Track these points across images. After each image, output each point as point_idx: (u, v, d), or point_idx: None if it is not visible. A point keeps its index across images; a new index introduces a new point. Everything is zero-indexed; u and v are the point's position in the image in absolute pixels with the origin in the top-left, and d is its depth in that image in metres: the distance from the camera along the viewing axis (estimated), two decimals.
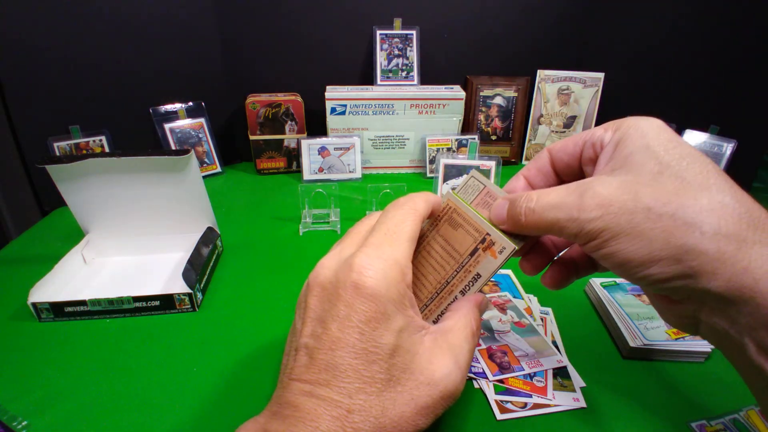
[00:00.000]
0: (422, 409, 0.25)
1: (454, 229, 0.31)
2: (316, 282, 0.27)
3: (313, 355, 0.25)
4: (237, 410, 0.38)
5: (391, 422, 0.24)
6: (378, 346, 0.25)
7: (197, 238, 0.57)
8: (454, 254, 0.31)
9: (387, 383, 0.25)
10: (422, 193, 0.31)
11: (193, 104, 0.88)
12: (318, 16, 0.89)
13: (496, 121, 0.96)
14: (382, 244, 0.27)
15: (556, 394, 0.39)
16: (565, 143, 0.31)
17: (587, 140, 0.29)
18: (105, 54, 0.76)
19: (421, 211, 0.30)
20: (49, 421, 0.37)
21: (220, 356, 0.44)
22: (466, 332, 0.28)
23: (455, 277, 0.31)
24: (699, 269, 0.22)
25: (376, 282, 0.25)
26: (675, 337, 0.43)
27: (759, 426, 0.36)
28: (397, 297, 0.26)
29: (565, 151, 0.31)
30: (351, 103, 0.86)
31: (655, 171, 0.24)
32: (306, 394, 0.24)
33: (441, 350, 0.27)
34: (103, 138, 0.79)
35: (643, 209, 0.23)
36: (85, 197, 0.55)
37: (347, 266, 0.26)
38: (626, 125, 0.27)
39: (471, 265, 0.30)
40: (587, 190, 0.25)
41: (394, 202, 0.30)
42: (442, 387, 0.26)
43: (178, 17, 0.81)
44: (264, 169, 0.91)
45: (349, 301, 0.25)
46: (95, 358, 0.44)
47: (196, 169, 0.55)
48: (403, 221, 0.29)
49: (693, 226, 0.22)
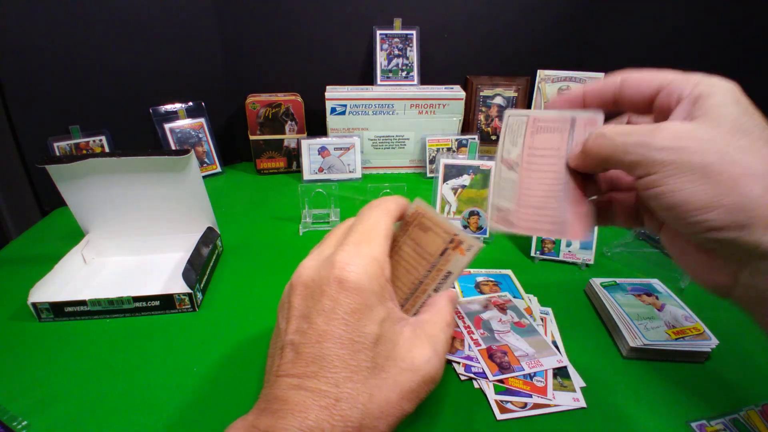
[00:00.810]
0: (406, 394, 0.26)
1: (424, 233, 0.33)
2: (299, 281, 0.29)
3: (300, 350, 0.26)
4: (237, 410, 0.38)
5: (378, 407, 0.25)
6: (362, 336, 0.26)
7: (197, 238, 0.57)
8: (425, 255, 0.33)
9: (372, 371, 0.26)
10: (392, 196, 0.33)
11: (193, 104, 0.88)
12: (318, 16, 0.89)
13: (496, 121, 0.96)
14: (360, 243, 0.29)
15: (556, 394, 0.39)
16: (640, 81, 0.29)
17: (664, 87, 0.27)
18: (105, 54, 0.76)
19: (393, 212, 0.32)
20: (49, 421, 0.37)
21: (220, 356, 0.44)
22: (441, 323, 0.30)
23: (428, 277, 0.33)
24: (756, 221, 0.22)
25: (358, 276, 0.27)
26: (675, 337, 0.43)
27: (759, 426, 0.36)
28: (378, 289, 0.28)
29: (639, 90, 0.29)
30: (351, 103, 0.86)
31: (735, 125, 0.24)
32: (294, 388, 0.25)
33: (420, 339, 0.29)
34: (103, 138, 0.79)
35: (717, 152, 0.23)
36: (85, 197, 0.55)
37: (329, 264, 0.28)
38: (708, 82, 0.26)
39: (442, 264, 0.32)
40: (663, 125, 0.25)
41: (367, 205, 0.32)
42: (424, 372, 0.27)
43: (178, 17, 0.81)
44: (264, 169, 0.91)
45: (333, 296, 0.26)
46: (95, 358, 0.44)
47: (196, 169, 0.55)
48: (378, 221, 0.31)
49: (761, 179, 0.23)
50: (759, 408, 0.38)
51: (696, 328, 0.44)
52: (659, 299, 0.49)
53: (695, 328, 0.44)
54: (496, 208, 0.34)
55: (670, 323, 0.45)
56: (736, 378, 0.42)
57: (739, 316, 0.50)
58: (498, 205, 0.34)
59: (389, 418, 0.26)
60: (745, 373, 0.42)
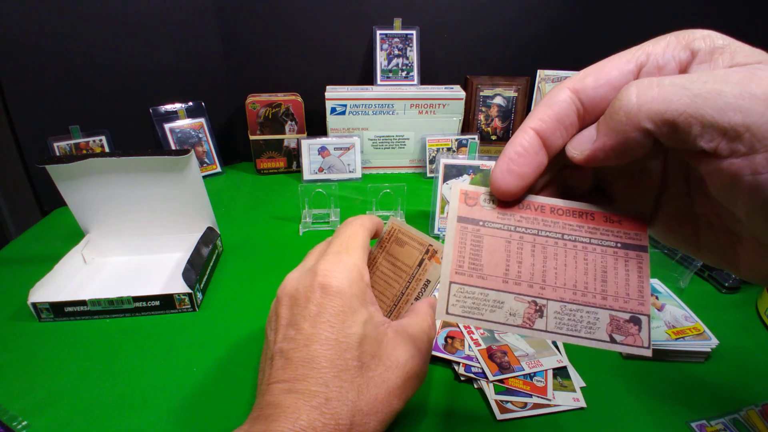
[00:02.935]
0: (394, 390, 0.28)
1: (401, 247, 0.35)
2: (284, 292, 0.30)
3: (289, 356, 0.27)
4: (237, 410, 0.38)
5: (367, 404, 0.26)
6: (347, 336, 0.27)
7: (197, 238, 0.57)
8: (404, 268, 0.35)
9: (359, 369, 0.27)
10: (366, 215, 0.35)
11: (193, 104, 0.88)
12: (318, 16, 0.89)
13: (496, 121, 0.96)
14: (339, 252, 0.31)
15: (556, 394, 0.39)
16: (599, 74, 0.21)
17: (643, 63, 0.20)
18: (105, 54, 0.76)
19: (368, 226, 0.34)
20: (49, 421, 0.37)
21: (220, 356, 0.44)
22: (423, 325, 0.32)
23: (408, 287, 0.35)
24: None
25: (339, 282, 0.28)
26: (675, 337, 0.43)
27: (759, 426, 0.36)
28: (359, 293, 0.29)
29: (610, 84, 0.20)
30: (351, 103, 0.86)
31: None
32: (285, 392, 0.26)
33: (403, 339, 0.30)
34: (103, 138, 0.79)
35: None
36: (85, 197, 0.55)
37: (312, 273, 0.29)
38: (700, 34, 0.19)
39: (420, 274, 0.34)
40: (756, 69, 0.17)
41: (344, 222, 0.34)
42: (408, 368, 0.29)
43: (178, 17, 0.81)
44: (264, 169, 0.91)
45: (318, 301, 0.28)
46: (95, 358, 0.44)
47: (196, 169, 0.55)
48: (355, 233, 0.33)
49: None
50: (759, 408, 0.38)
51: (696, 328, 0.44)
52: (659, 299, 0.49)
53: (695, 328, 0.44)
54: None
55: (670, 323, 0.45)
56: (736, 378, 0.42)
57: (739, 316, 0.50)
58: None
59: (379, 414, 0.27)
60: (745, 373, 0.42)
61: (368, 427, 0.26)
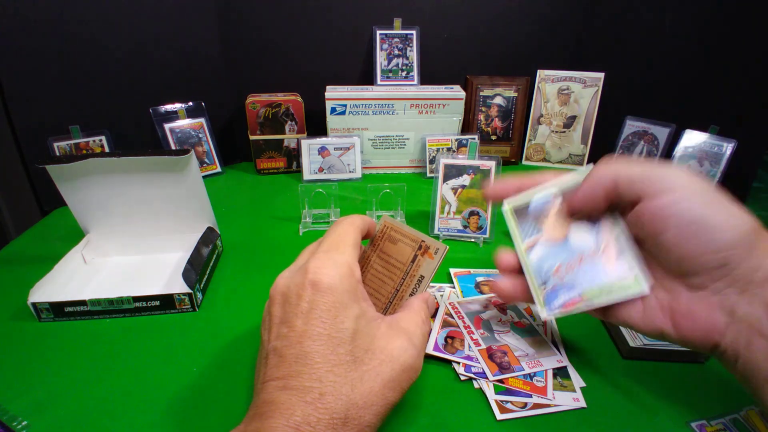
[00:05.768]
0: (388, 383, 0.28)
1: (393, 244, 0.36)
2: (276, 291, 0.31)
3: (282, 353, 0.27)
4: (237, 410, 0.38)
5: (362, 397, 0.27)
6: (340, 331, 0.28)
7: (197, 238, 0.57)
8: (398, 265, 0.36)
9: (352, 364, 0.27)
10: (357, 214, 0.36)
11: (193, 104, 0.88)
12: (318, 16, 0.89)
13: (496, 121, 0.96)
14: (329, 250, 0.31)
15: (556, 394, 0.39)
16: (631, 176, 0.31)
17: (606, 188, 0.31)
18: (105, 54, 0.76)
19: (358, 224, 0.34)
20: (49, 421, 0.37)
21: (220, 356, 0.44)
22: (416, 319, 0.32)
23: (403, 284, 0.35)
24: (760, 244, 0.27)
25: (330, 278, 0.29)
26: None
27: (759, 426, 0.36)
28: (350, 289, 0.30)
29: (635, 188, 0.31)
30: (351, 103, 0.86)
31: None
32: (279, 389, 0.26)
33: (396, 333, 0.30)
34: (103, 138, 0.79)
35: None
36: (85, 197, 0.55)
37: (303, 271, 0.30)
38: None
39: (414, 270, 0.35)
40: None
41: (336, 221, 0.35)
42: (402, 361, 0.29)
43: (178, 17, 0.81)
44: (264, 169, 0.91)
45: (310, 298, 0.28)
46: (95, 358, 0.44)
47: (196, 169, 0.55)
48: (345, 232, 0.33)
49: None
50: (759, 408, 0.38)
51: None
52: None
53: None
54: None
55: None
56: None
57: None
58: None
59: (374, 407, 0.27)
60: None
61: (363, 420, 0.26)
